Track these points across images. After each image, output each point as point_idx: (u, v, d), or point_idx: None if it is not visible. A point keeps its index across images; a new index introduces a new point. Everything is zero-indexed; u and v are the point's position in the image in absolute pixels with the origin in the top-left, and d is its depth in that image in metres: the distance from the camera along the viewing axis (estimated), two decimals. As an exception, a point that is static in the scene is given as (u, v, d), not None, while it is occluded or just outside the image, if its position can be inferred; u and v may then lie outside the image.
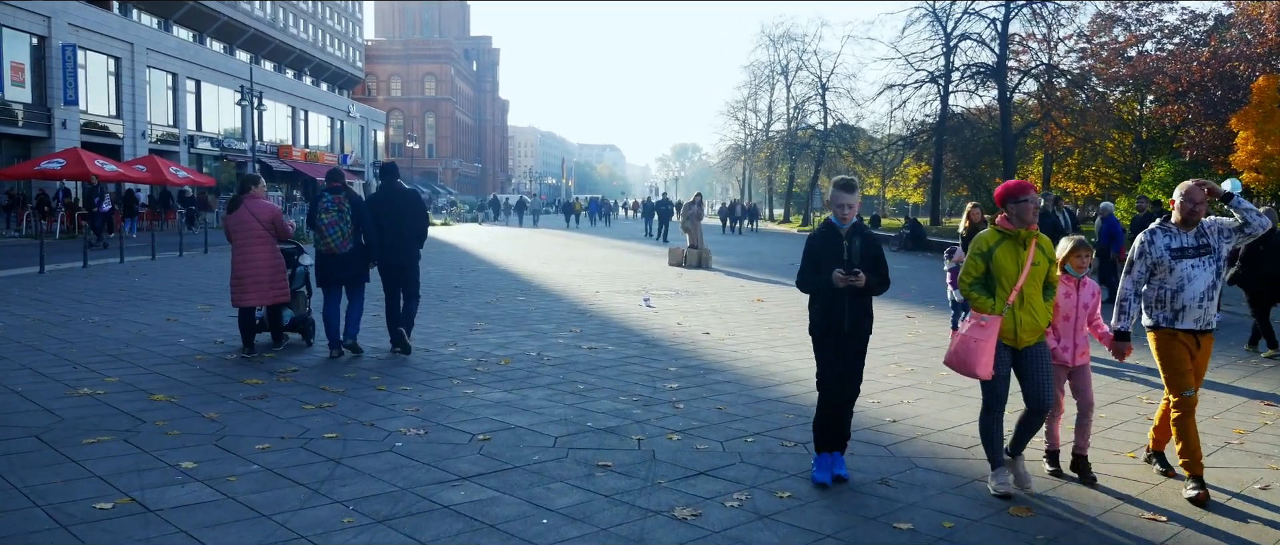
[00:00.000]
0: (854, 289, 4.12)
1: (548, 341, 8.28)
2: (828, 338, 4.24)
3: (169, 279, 13.83)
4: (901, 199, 66.98)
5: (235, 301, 7.23)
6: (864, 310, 4.25)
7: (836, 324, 4.20)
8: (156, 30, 41.37)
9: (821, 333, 4.27)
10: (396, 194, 7.40)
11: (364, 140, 65.87)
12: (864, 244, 4.20)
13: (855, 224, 4.21)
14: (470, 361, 7.22)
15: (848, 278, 4.07)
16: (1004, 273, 4.06)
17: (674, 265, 18.52)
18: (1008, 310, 4.06)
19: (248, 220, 7.12)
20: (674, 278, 15.69)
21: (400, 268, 7.36)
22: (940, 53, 34.69)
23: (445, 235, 30.72)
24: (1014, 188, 4.12)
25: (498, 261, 18.55)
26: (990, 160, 41.03)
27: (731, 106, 61.30)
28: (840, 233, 4.20)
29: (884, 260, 4.27)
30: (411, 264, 7.44)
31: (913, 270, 18.66)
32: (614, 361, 7.34)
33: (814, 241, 4.26)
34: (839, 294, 4.15)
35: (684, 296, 12.61)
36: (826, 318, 4.22)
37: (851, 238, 4.19)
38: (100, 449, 4.56)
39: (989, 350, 4.01)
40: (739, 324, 9.83)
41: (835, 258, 4.16)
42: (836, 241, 4.20)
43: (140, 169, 28.04)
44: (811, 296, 4.32)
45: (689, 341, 8.47)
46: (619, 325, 9.51)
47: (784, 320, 10.24)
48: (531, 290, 12.98)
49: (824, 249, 4.20)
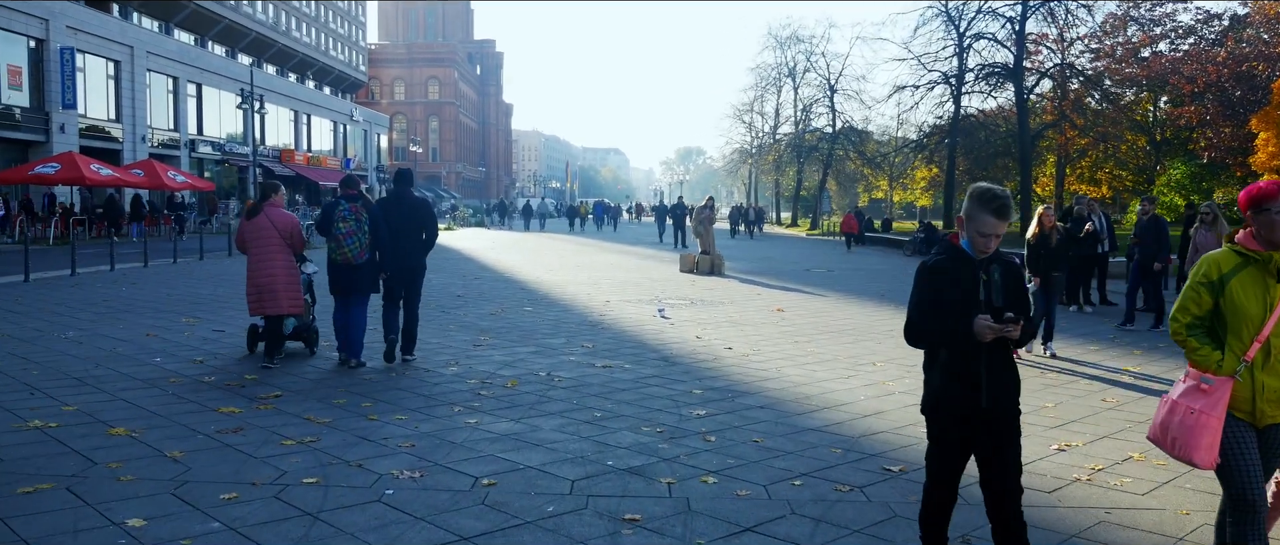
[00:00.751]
0: (1001, 342, 2.86)
1: (558, 359, 7.59)
2: (954, 416, 2.92)
3: (158, 289, 13.17)
4: (909, 202, 66.30)
5: (255, 310, 7.07)
6: (1008, 371, 2.93)
7: (972, 395, 2.87)
8: (157, 33, 40.87)
9: (946, 408, 2.93)
10: (408, 201, 7.24)
11: (367, 144, 65.33)
12: (1006, 278, 2.91)
13: (996, 252, 2.93)
14: (473, 384, 6.53)
15: (1001, 328, 2.76)
16: (1243, 314, 2.86)
17: (685, 272, 17.83)
18: (1245, 370, 2.86)
19: (267, 228, 6.97)
20: (687, 285, 15.00)
21: (409, 273, 7.21)
22: (953, 53, 33.95)
23: (449, 241, 30.08)
24: (1269, 190, 2.86)
25: (503, 269, 17.89)
26: (1003, 162, 40.27)
27: (737, 109, 60.63)
28: (973, 263, 2.90)
29: (1028, 299, 3.01)
30: (418, 272, 7.28)
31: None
32: (632, 383, 6.65)
33: (935, 274, 2.93)
34: (975, 352, 2.86)
35: (699, 306, 11.91)
36: (955, 384, 2.89)
37: (990, 269, 2.91)
38: (36, 501, 3.88)
39: (1213, 427, 2.84)
40: (762, 337, 9.13)
41: (969, 298, 2.88)
42: (970, 274, 2.89)
43: (137, 173, 27.44)
44: (929, 354, 3.02)
45: (711, 358, 7.78)
46: (633, 339, 8.82)
47: (809, 332, 9.53)
48: (539, 300, 12.30)
49: (951, 284, 2.90)
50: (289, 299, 6.99)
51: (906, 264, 22.87)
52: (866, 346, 8.63)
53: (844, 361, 7.76)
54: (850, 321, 10.56)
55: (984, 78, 32.19)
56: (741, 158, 62.45)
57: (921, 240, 28.50)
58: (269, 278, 6.91)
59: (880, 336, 9.32)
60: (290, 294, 7.01)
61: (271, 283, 6.90)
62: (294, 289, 7.06)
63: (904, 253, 28.49)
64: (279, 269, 6.94)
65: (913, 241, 28.72)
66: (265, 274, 6.92)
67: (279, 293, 6.93)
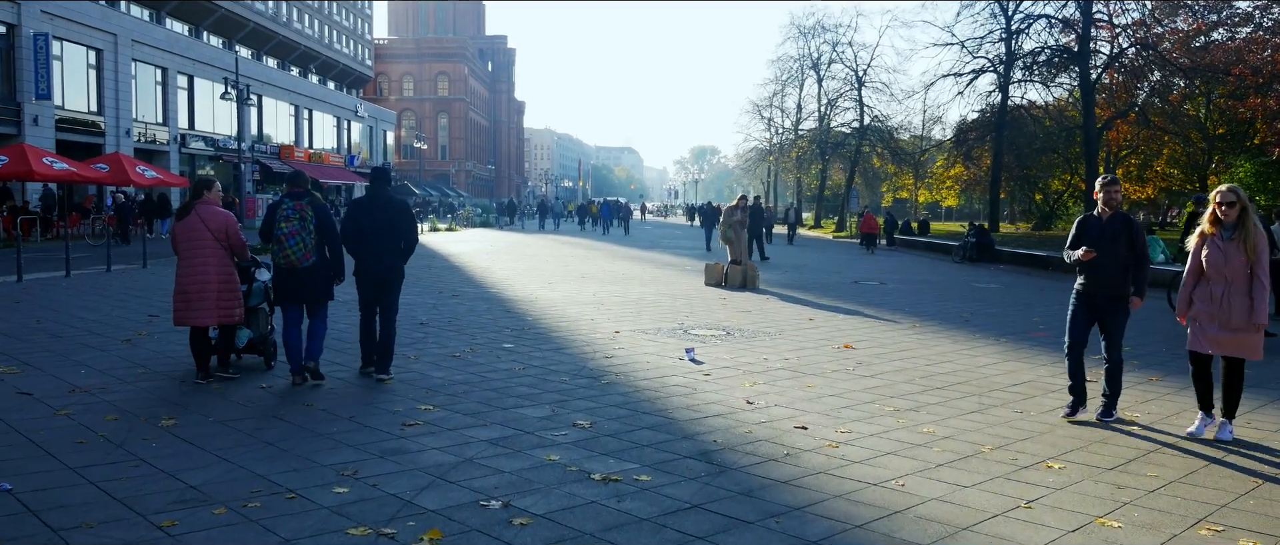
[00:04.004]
0: None
1: (528, 462, 4.61)
2: None
3: (108, 297, 10.37)
4: (934, 202, 62.92)
5: (179, 320, 6.37)
6: None
7: None
8: (144, 21, 38.42)
9: None
10: (382, 201, 6.59)
11: (373, 141, 62.81)
12: None
13: None
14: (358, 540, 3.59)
15: None
16: None
17: (712, 285, 14.86)
18: None
19: (197, 228, 6.33)
20: (717, 305, 12.03)
21: (379, 284, 6.56)
22: (1000, 38, 30.69)
23: (443, 244, 27.24)
24: None
25: (491, 283, 14.89)
26: (1048, 159, 36.98)
27: (756, 105, 57.38)
28: None
29: None
30: (393, 280, 6.63)
31: (1011, 290, 14.86)
32: (661, 527, 3.73)
33: None
34: None
35: (738, 338, 8.96)
36: None
37: None
38: None
39: None
40: (842, 400, 6.19)
41: None
42: None
43: (101, 168, 24.81)
44: None
45: (780, 455, 4.83)
46: (654, 409, 5.88)
47: (906, 389, 6.57)
48: (526, 331, 9.38)
49: None
50: (221, 307, 6.31)
51: (959, 273, 19.81)
52: (1004, 420, 5.67)
53: (996, 459, 4.81)
54: (953, 367, 7.59)
55: (1045, 63, 28.83)
56: (760, 156, 59.29)
57: (972, 245, 25.36)
58: (194, 282, 6.22)
59: (1012, 396, 6.36)
60: (223, 301, 6.32)
61: (200, 288, 6.21)
62: (229, 295, 6.36)
63: (954, 259, 25.33)
64: (211, 273, 6.25)
65: (963, 246, 25.54)
66: (193, 278, 6.24)
67: (208, 300, 6.24)
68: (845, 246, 31.60)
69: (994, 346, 8.82)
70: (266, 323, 6.99)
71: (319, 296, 6.38)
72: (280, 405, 5.77)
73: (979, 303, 13.16)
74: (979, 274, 19.85)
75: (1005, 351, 8.52)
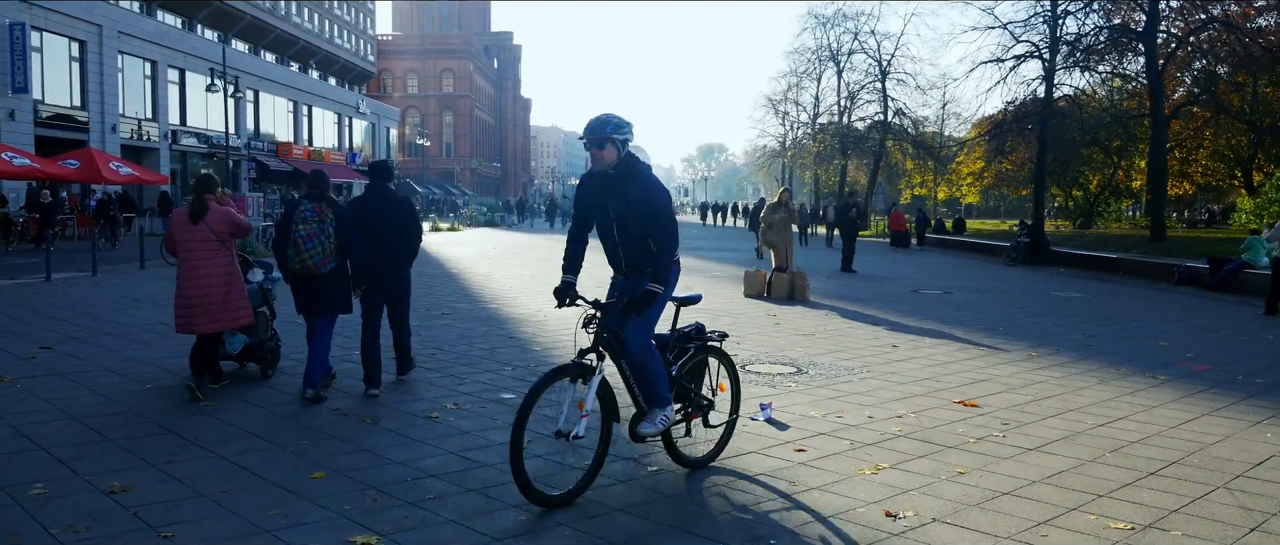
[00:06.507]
0: None
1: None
2: None
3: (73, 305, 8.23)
4: (953, 198, 60.43)
5: (181, 328, 5.87)
6: None
7: None
8: (132, 12, 36.45)
9: None
10: (385, 199, 6.15)
11: (376, 138, 60.78)
12: None
13: None
14: None
15: None
16: None
17: (753, 297, 12.64)
18: None
19: (195, 227, 5.80)
20: (768, 326, 9.76)
21: (388, 282, 6.13)
22: (1044, 21, 28.18)
23: (442, 246, 25.05)
24: None
25: (487, 296, 12.51)
26: (1089, 152, 34.56)
27: (770, 99, 54.95)
28: None
29: None
30: (399, 280, 6.22)
31: (1101, 301, 12.52)
32: None
33: None
34: None
35: (816, 379, 6.72)
36: None
37: None
38: None
39: None
40: (1029, 503, 3.95)
41: None
42: None
43: (70, 165, 22.71)
44: None
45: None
46: (745, 538, 3.67)
47: (1105, 476, 4.34)
48: (533, 368, 7.15)
49: None
50: (228, 312, 5.84)
51: (1019, 278, 17.54)
52: None
53: None
54: (1139, 429, 5.33)
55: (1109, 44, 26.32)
56: (772, 152, 56.94)
57: (1024, 245, 23.05)
58: (196, 288, 5.75)
59: (1271, 486, 4.11)
60: (231, 305, 5.85)
61: (203, 293, 5.76)
62: (235, 298, 5.89)
63: (1004, 261, 23.02)
64: (212, 277, 5.79)
65: (1014, 247, 23.23)
66: (192, 284, 5.76)
67: (216, 306, 5.78)
68: (872, 246, 29.25)
69: (1163, 393, 6.54)
70: (267, 328, 6.58)
71: (339, 306, 5.89)
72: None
73: (1079, 319, 10.88)
74: (1040, 278, 17.58)
75: (1186, 401, 6.25)
